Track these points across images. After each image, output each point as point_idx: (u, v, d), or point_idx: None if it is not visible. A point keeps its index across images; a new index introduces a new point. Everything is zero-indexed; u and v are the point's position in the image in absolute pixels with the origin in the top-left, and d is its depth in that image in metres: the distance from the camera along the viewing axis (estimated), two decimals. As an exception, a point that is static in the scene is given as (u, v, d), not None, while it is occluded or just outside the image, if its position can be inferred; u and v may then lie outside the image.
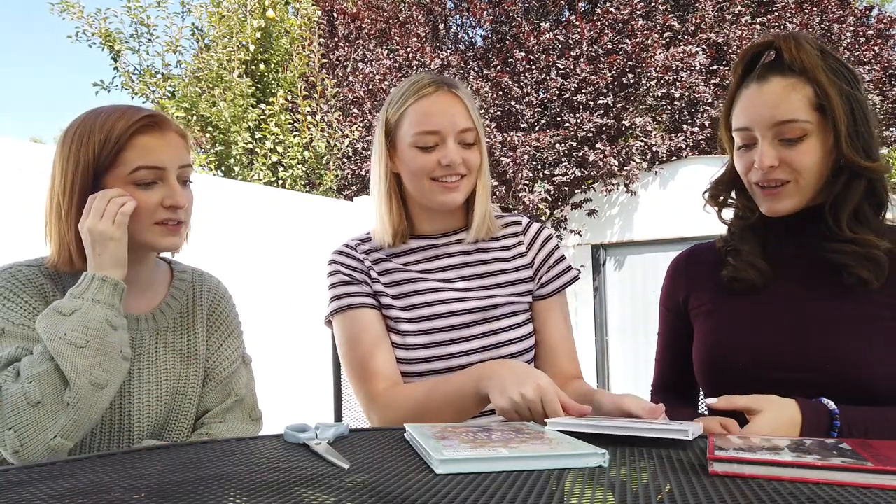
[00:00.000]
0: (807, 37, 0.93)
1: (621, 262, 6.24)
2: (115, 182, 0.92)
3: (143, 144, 0.92)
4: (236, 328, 1.10)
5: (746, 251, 0.98)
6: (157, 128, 0.94)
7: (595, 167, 5.79)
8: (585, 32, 6.08)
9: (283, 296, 4.18)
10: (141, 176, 0.92)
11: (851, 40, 6.70)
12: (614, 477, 0.59)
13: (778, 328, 0.94)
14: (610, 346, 6.21)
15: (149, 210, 0.93)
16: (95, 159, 0.90)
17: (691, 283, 1.08)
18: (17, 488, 0.56)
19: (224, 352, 1.05)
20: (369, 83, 6.61)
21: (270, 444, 0.76)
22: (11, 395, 0.81)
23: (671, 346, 1.12)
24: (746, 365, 0.95)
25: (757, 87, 0.93)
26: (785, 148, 0.90)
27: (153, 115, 0.94)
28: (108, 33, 5.87)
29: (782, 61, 0.92)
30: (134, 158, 0.91)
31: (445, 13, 7.46)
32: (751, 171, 0.94)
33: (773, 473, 0.58)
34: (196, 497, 0.52)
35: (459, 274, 1.13)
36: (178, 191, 0.94)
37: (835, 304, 0.91)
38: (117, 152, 0.91)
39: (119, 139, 0.90)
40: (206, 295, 1.07)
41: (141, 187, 0.92)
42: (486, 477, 0.58)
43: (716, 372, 0.99)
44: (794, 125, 0.89)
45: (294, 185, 5.95)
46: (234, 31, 5.94)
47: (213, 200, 3.75)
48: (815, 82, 0.89)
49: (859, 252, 0.89)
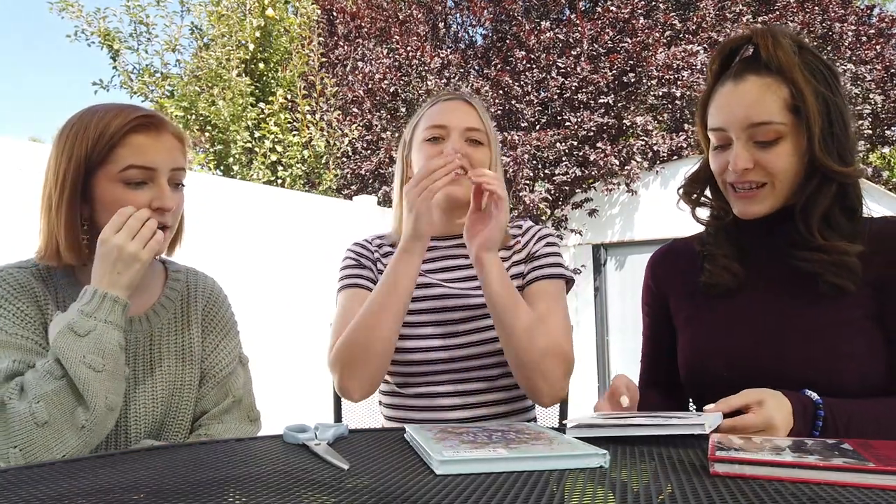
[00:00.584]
0: (785, 32, 0.90)
1: (622, 262, 6.24)
2: (106, 179, 0.91)
3: (136, 143, 0.91)
4: (232, 328, 1.09)
5: (721, 255, 0.97)
6: (153, 128, 0.93)
7: (596, 166, 5.78)
8: (586, 31, 6.07)
9: (282, 296, 4.18)
10: (131, 175, 0.91)
11: (853, 39, 6.69)
12: (615, 477, 0.59)
13: (754, 332, 0.93)
14: (611, 345, 6.21)
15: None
16: (88, 155, 0.90)
17: (670, 284, 1.08)
18: (17, 489, 0.56)
19: (221, 352, 1.05)
20: (369, 82, 6.61)
21: (270, 445, 0.76)
22: (18, 414, 0.80)
23: (654, 344, 1.13)
24: (723, 370, 0.94)
25: (733, 86, 0.90)
26: (759, 150, 0.88)
27: (150, 114, 0.94)
28: (107, 32, 5.87)
29: (759, 59, 0.89)
30: (126, 156, 0.90)
31: (445, 12, 7.46)
32: (725, 171, 0.92)
33: (774, 474, 0.57)
34: (195, 498, 0.52)
35: (457, 275, 1.16)
36: (167, 193, 0.93)
37: (810, 309, 0.90)
38: (110, 149, 0.90)
39: (113, 136, 0.90)
40: (200, 295, 1.07)
41: (130, 187, 0.91)
42: (486, 477, 0.58)
43: (696, 377, 1.00)
44: (768, 127, 0.87)
45: (293, 185, 5.95)
46: (234, 30, 5.93)
47: (212, 200, 3.75)
48: (791, 82, 0.87)
49: (828, 260, 0.87)
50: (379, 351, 1.02)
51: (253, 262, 3.99)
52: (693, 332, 1.01)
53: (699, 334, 1.00)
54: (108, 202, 0.91)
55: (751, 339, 0.93)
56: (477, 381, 1.11)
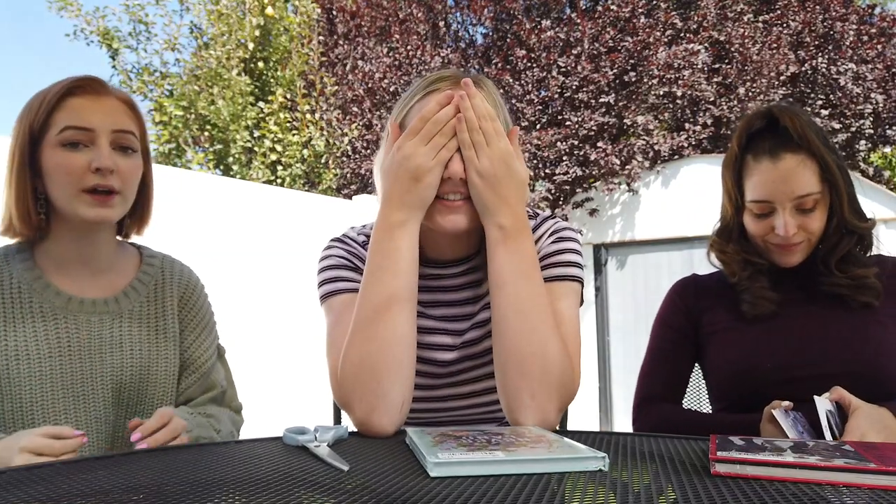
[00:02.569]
0: (800, 109, 1.10)
1: (623, 262, 6.23)
2: (49, 147, 0.91)
3: (72, 105, 0.91)
4: (210, 319, 1.09)
5: (758, 287, 1.10)
6: (91, 90, 0.92)
7: (596, 166, 5.78)
8: (587, 30, 6.06)
9: (282, 296, 4.17)
10: (67, 136, 0.90)
11: (854, 39, 6.68)
12: (615, 478, 0.59)
13: (798, 336, 1.06)
14: (611, 345, 6.20)
15: (75, 174, 0.90)
16: (31, 125, 0.91)
17: (702, 305, 1.17)
18: (16, 489, 0.56)
19: (202, 345, 1.05)
20: (369, 81, 6.61)
21: (269, 447, 0.76)
22: None
23: (668, 361, 1.19)
24: (770, 370, 1.04)
25: (771, 164, 1.04)
26: (801, 216, 1.05)
27: (89, 78, 0.94)
28: (107, 31, 5.88)
29: (789, 137, 1.04)
30: (62, 119, 0.90)
31: (446, 10, 7.45)
32: (769, 234, 1.07)
33: (775, 474, 0.57)
34: (195, 499, 0.52)
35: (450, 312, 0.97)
36: (106, 153, 0.90)
37: (846, 315, 1.06)
38: (48, 114, 0.90)
39: (51, 100, 0.90)
40: (176, 283, 1.05)
41: (67, 148, 0.90)
42: (486, 480, 0.58)
43: (740, 377, 1.07)
44: (809, 197, 1.03)
45: (293, 184, 5.95)
46: (233, 29, 5.93)
47: (211, 200, 3.75)
48: (819, 157, 1.03)
49: (852, 284, 1.05)
50: (402, 357, 0.81)
51: (253, 262, 3.98)
52: (737, 336, 1.10)
53: (744, 338, 1.09)
54: (51, 169, 0.91)
55: (795, 341, 1.05)
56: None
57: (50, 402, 0.92)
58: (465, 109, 0.83)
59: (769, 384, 1.03)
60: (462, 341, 0.96)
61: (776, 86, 6.52)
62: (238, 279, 3.84)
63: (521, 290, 0.83)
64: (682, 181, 5.95)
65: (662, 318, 1.21)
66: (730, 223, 1.13)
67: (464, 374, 0.97)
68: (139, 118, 0.97)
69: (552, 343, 0.82)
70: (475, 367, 0.96)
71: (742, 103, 6.38)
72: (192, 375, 1.02)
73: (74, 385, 0.93)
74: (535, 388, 0.81)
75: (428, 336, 0.95)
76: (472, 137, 0.84)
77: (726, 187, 1.12)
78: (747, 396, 1.04)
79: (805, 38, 6.82)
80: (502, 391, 0.84)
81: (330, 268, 0.96)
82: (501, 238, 0.85)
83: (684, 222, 5.75)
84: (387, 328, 0.81)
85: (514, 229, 0.85)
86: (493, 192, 0.84)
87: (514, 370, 0.82)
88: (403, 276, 0.84)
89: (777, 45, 6.51)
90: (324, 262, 0.97)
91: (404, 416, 0.83)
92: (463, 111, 0.83)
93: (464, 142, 0.84)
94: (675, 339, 1.18)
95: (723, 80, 6.46)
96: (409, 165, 0.83)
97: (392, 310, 0.82)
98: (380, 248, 0.84)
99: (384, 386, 0.80)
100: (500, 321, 0.84)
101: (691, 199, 5.80)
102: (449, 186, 0.86)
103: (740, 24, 6.63)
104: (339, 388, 0.84)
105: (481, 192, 0.84)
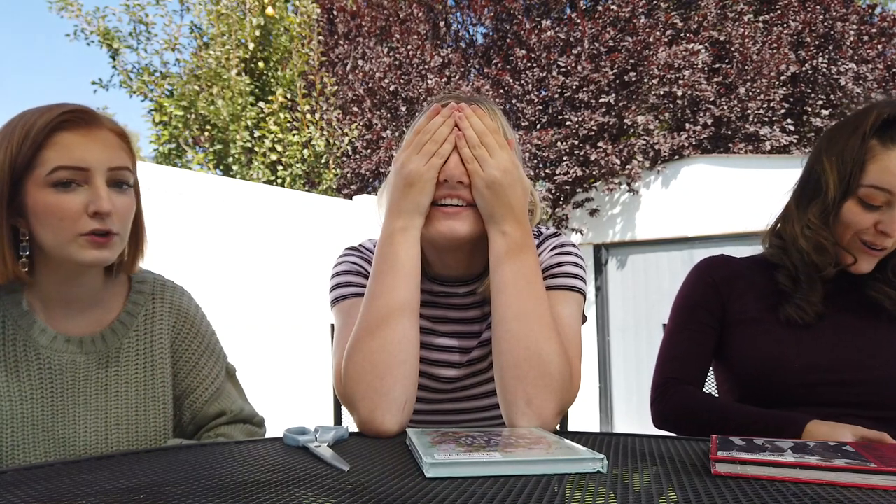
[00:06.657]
0: None
1: (623, 262, 6.23)
2: (35, 186, 0.81)
3: (63, 142, 0.81)
4: (210, 342, 1.01)
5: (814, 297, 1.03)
6: (83, 123, 0.82)
7: (597, 166, 5.78)
8: (587, 30, 6.06)
9: (282, 296, 4.17)
10: (59, 176, 0.80)
11: (854, 39, 6.68)
12: (616, 478, 0.59)
13: (832, 339, 1.02)
14: (612, 345, 6.20)
15: (70, 217, 0.81)
16: (13, 161, 0.80)
17: (732, 288, 1.10)
18: (17, 490, 0.56)
19: (202, 371, 0.99)
20: (369, 81, 6.61)
21: (270, 447, 0.76)
22: None
23: (695, 341, 1.11)
24: (798, 370, 1.00)
25: None
26: None
27: (80, 109, 0.84)
28: (107, 31, 5.88)
29: None
30: (52, 158, 0.80)
31: (446, 10, 7.45)
32: (867, 228, 0.97)
33: (775, 474, 0.57)
34: (195, 499, 0.52)
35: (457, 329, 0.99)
36: (104, 194, 0.82)
37: (880, 326, 1.02)
38: (35, 151, 0.80)
39: (37, 136, 0.80)
40: (167, 310, 0.97)
41: (59, 189, 0.80)
42: (487, 481, 0.58)
43: (766, 372, 1.03)
44: None
45: (293, 184, 5.95)
46: (233, 29, 5.93)
47: (211, 200, 3.75)
48: None
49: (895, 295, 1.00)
50: (404, 357, 0.83)
51: (253, 262, 3.98)
52: (765, 328, 1.05)
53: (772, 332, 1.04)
54: (39, 211, 0.81)
55: (828, 344, 1.01)
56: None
57: (31, 445, 0.86)
58: (465, 129, 0.87)
59: (794, 384, 1.00)
60: (468, 359, 0.98)
61: (776, 86, 6.52)
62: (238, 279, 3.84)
63: (521, 295, 0.84)
64: (683, 181, 5.95)
65: (687, 296, 1.13)
66: (829, 207, 1.00)
67: (467, 391, 0.99)
68: (132, 150, 0.89)
69: (551, 346, 0.82)
70: (479, 383, 0.99)
71: (742, 103, 6.38)
72: (197, 401, 0.97)
73: (56, 428, 0.87)
74: (532, 390, 0.81)
75: (435, 353, 0.98)
76: (475, 152, 0.86)
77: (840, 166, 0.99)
78: (767, 392, 1.01)
79: (805, 38, 6.81)
80: (501, 394, 0.85)
81: (342, 273, 0.99)
82: (505, 245, 0.86)
83: (685, 222, 5.75)
84: (389, 329, 0.83)
85: (518, 237, 0.86)
86: (500, 201, 0.86)
87: (511, 373, 0.82)
88: (405, 280, 0.86)
89: (777, 45, 6.50)
90: (337, 269, 1.01)
91: (408, 415, 0.84)
92: (463, 129, 0.87)
93: (466, 157, 0.87)
94: (702, 320, 1.10)
95: (723, 79, 6.45)
96: (404, 173, 0.86)
97: (394, 312, 0.84)
98: (382, 255, 0.87)
99: (387, 384, 0.82)
100: (500, 324, 0.85)
101: (692, 199, 5.80)
102: (447, 190, 0.87)
103: (740, 24, 6.63)
104: (343, 387, 0.85)
105: (488, 200, 0.86)
